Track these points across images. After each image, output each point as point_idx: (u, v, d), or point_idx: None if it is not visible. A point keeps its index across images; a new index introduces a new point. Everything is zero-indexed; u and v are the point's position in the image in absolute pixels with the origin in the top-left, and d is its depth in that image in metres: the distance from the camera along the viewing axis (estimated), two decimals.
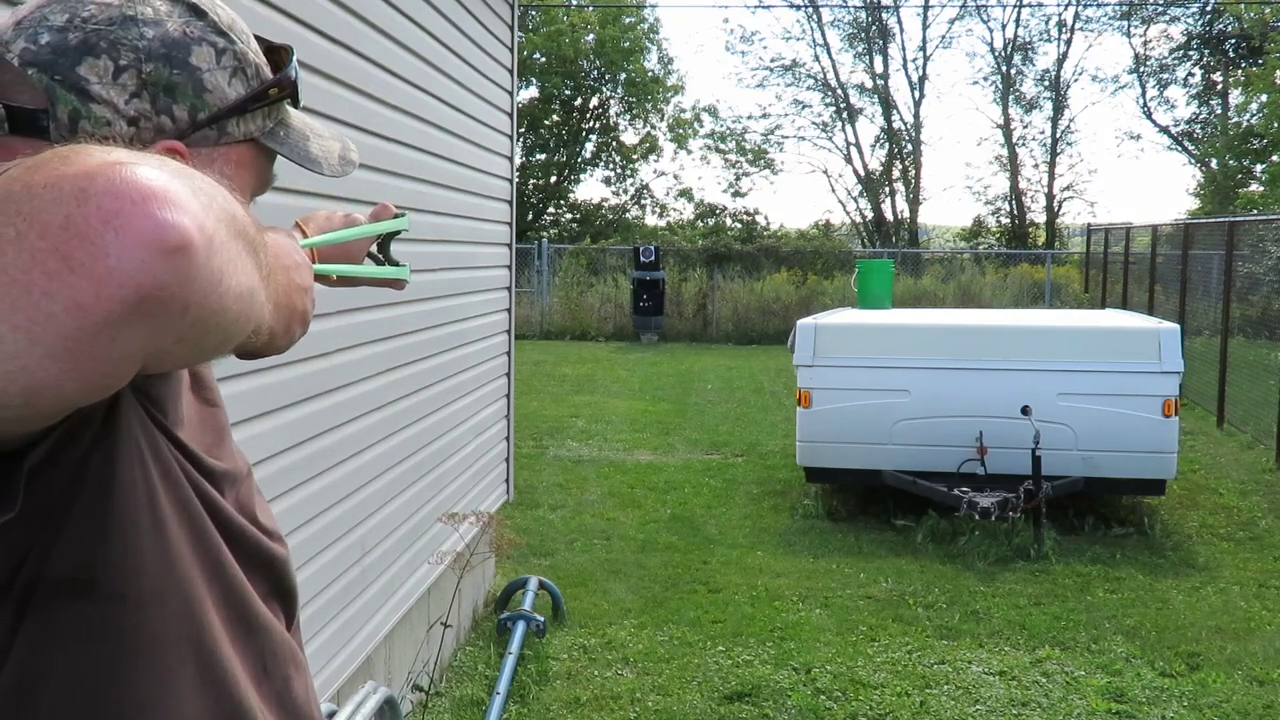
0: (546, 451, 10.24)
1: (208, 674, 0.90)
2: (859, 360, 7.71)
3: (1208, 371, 12.44)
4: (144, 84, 0.89)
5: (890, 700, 4.93)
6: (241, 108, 0.94)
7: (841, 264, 22.73)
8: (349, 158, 1.06)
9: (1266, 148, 26.75)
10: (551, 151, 31.59)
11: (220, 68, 0.93)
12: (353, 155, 1.07)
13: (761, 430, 11.35)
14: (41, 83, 0.88)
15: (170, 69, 0.90)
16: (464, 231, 5.16)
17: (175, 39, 0.91)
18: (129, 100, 0.89)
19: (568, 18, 30.07)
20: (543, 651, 5.36)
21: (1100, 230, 21.35)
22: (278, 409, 3.15)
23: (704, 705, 4.85)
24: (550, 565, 6.74)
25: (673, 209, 33.82)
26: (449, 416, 4.97)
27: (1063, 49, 33.97)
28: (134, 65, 0.89)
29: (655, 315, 20.00)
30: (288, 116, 1.00)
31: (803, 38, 45.99)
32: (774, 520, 7.90)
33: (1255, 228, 13.05)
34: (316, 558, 3.47)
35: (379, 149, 3.89)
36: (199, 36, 0.92)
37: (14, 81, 0.89)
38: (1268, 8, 27.49)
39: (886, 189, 33.12)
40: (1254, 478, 9.37)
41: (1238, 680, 5.19)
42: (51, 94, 0.88)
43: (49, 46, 0.88)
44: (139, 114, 0.89)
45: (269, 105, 0.96)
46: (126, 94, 0.89)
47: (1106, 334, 7.71)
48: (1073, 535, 7.42)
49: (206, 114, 0.92)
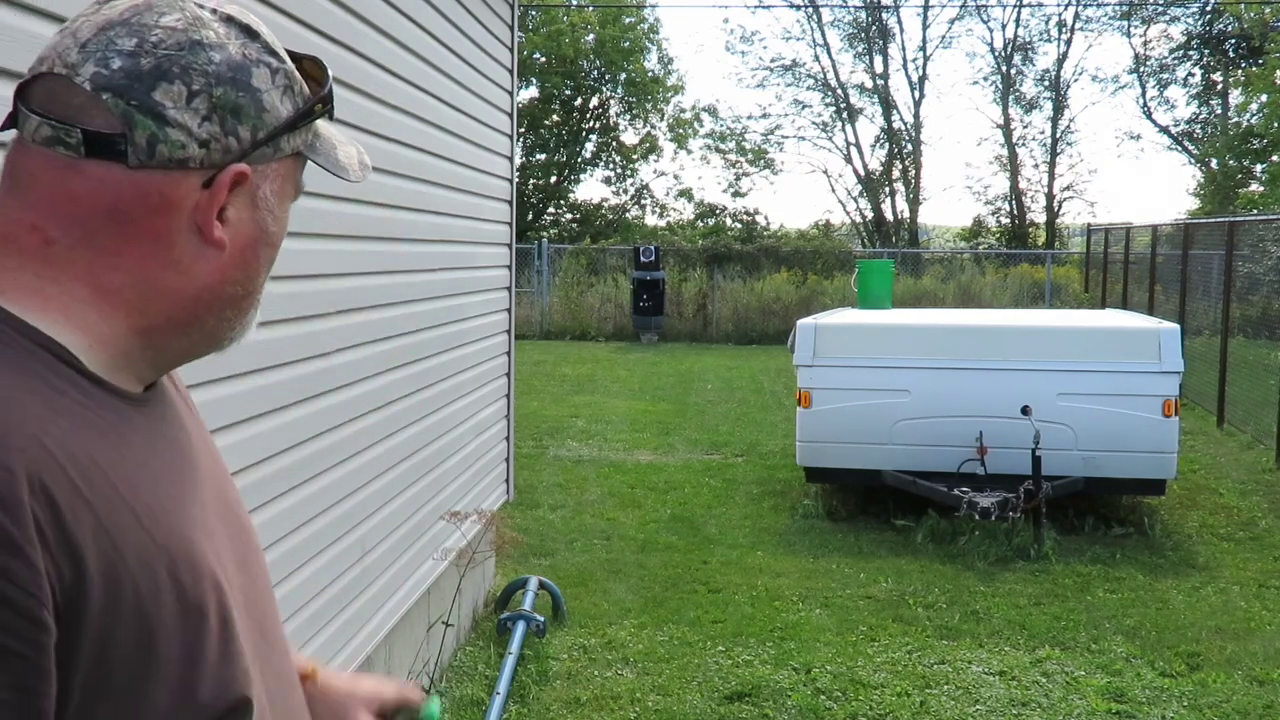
0: (546, 451, 10.24)
1: None
2: (859, 360, 7.71)
3: (1208, 371, 12.44)
4: (214, 107, 0.92)
5: (890, 700, 4.93)
6: (293, 124, 0.97)
7: (841, 264, 22.73)
8: (365, 161, 1.10)
9: (1266, 148, 26.75)
10: (551, 151, 31.59)
11: (275, 87, 0.96)
12: (367, 159, 1.10)
13: (761, 430, 11.35)
14: (118, 108, 0.89)
15: (236, 91, 0.93)
16: (464, 231, 5.16)
17: (238, 62, 0.94)
18: (201, 123, 0.91)
19: (568, 18, 30.07)
20: (543, 651, 5.36)
21: (1100, 230, 21.35)
22: (278, 409, 3.15)
23: (704, 705, 4.85)
24: (550, 565, 6.75)
25: (673, 209, 33.87)
26: (449, 416, 4.97)
27: (1063, 49, 34.02)
28: (205, 90, 0.92)
29: (655, 315, 20.00)
30: (319, 127, 1.03)
31: (803, 38, 46.06)
32: (774, 520, 7.90)
33: (1255, 228, 13.05)
34: (316, 558, 3.47)
35: (379, 149, 3.89)
36: (256, 58, 0.96)
37: (86, 105, 0.90)
38: (1268, 8, 27.49)
39: (886, 189, 33.13)
40: (1254, 478, 9.37)
41: (1238, 680, 5.19)
42: (129, 119, 0.89)
43: (122, 71, 0.90)
44: (210, 136, 0.92)
45: (314, 120, 1.00)
46: (199, 117, 0.91)
47: (1106, 334, 7.71)
48: (1073, 535, 7.42)
49: (265, 133, 0.95)
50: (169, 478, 0.95)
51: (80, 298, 0.91)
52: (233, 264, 0.97)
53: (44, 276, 0.90)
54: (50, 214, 0.90)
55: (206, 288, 0.96)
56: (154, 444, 0.95)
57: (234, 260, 0.97)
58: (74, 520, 0.82)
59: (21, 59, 2.04)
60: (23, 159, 0.92)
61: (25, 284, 0.90)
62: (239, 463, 2.87)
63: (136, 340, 0.94)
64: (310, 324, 3.37)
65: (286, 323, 3.18)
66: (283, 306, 3.15)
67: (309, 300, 3.34)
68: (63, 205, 0.90)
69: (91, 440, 0.87)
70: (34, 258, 0.90)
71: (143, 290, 0.93)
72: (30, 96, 0.92)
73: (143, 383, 0.98)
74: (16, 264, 0.90)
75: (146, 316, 0.94)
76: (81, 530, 0.83)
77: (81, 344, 0.91)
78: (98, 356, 0.92)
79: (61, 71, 0.91)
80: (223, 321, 0.99)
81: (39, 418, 0.84)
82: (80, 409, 0.88)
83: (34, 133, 0.91)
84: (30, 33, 2.06)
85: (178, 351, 0.99)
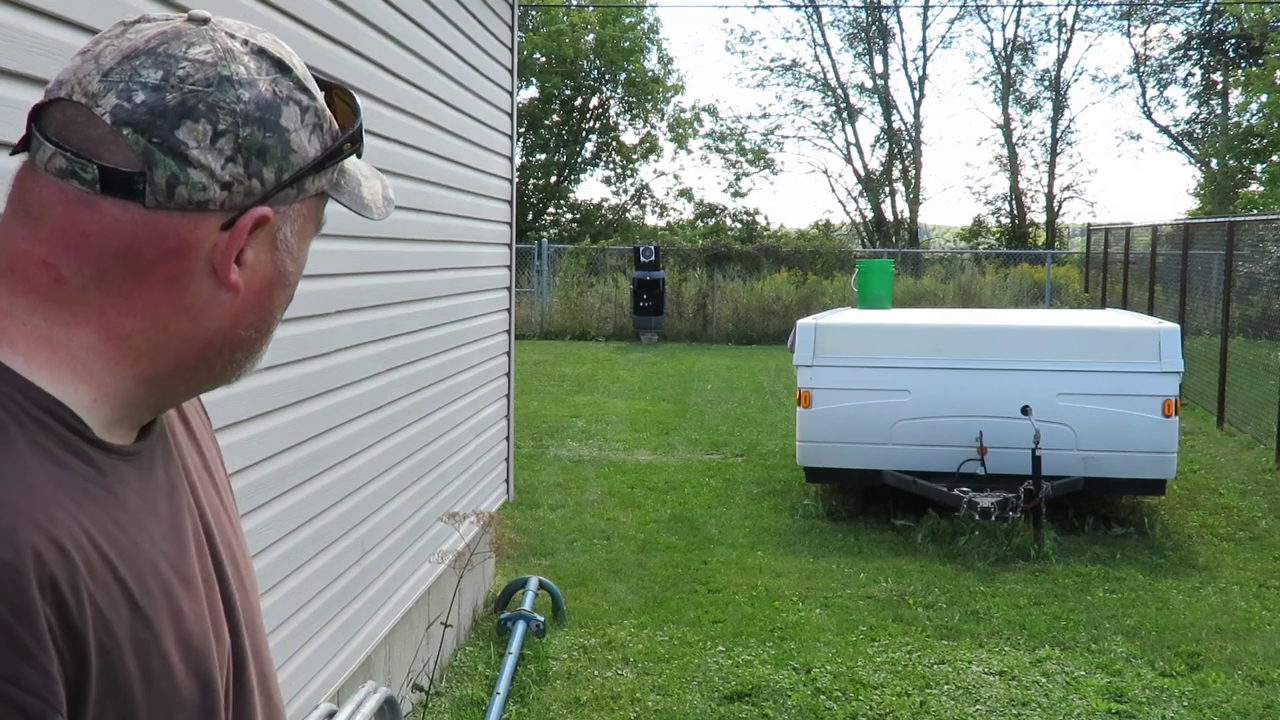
0: (546, 451, 10.24)
1: None
2: (859, 360, 7.71)
3: (1208, 371, 12.44)
4: (239, 148, 0.88)
5: (890, 700, 4.93)
6: (320, 165, 0.93)
7: (841, 264, 22.74)
8: (389, 195, 1.04)
9: (1266, 148, 26.75)
10: (551, 151, 31.59)
11: (303, 126, 0.92)
12: (390, 193, 1.05)
13: (761, 430, 11.35)
14: (139, 145, 0.85)
15: (264, 132, 0.89)
16: (464, 231, 5.16)
17: (268, 100, 0.90)
18: (225, 165, 0.87)
19: (568, 18, 30.07)
20: (543, 651, 5.36)
21: (1100, 230, 21.35)
22: (278, 409, 3.15)
23: (704, 705, 4.85)
24: (550, 565, 6.74)
25: (673, 209, 33.87)
26: (449, 416, 4.97)
27: (1063, 49, 34.00)
28: (231, 130, 0.87)
29: (655, 315, 19.99)
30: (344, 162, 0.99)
31: (803, 38, 46.05)
32: (774, 520, 7.90)
33: (1255, 228, 13.05)
34: (316, 558, 3.47)
35: (379, 149, 3.89)
36: (287, 96, 0.91)
37: (105, 139, 0.86)
38: (1268, 8, 27.49)
39: (886, 189, 33.13)
40: (1254, 478, 9.37)
41: (1238, 680, 5.19)
42: (150, 158, 0.85)
43: (145, 106, 0.85)
44: (233, 178, 0.88)
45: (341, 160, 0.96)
46: (223, 158, 0.87)
47: (1106, 334, 7.71)
48: (1073, 535, 7.42)
49: (290, 174, 0.91)
50: (164, 535, 0.93)
51: (89, 345, 0.88)
52: (247, 307, 0.93)
53: (55, 320, 0.88)
54: (62, 251, 0.87)
55: (218, 332, 0.92)
56: (150, 499, 0.93)
57: (248, 303, 0.93)
58: (79, 617, 0.81)
59: (21, 59, 2.04)
60: (35, 186, 0.88)
61: (35, 330, 0.88)
62: (239, 463, 2.87)
63: (142, 389, 0.92)
64: (310, 324, 3.37)
65: (286, 323, 3.17)
66: None
67: (309, 300, 3.34)
68: (75, 243, 0.87)
69: (93, 518, 0.85)
70: (45, 298, 0.87)
71: (153, 336, 0.90)
72: (46, 121, 0.88)
73: (140, 426, 0.95)
74: (27, 305, 0.88)
75: (155, 364, 0.91)
76: (86, 626, 0.82)
77: (86, 401, 0.89)
78: (101, 413, 0.90)
79: (81, 100, 0.86)
80: (232, 363, 0.96)
81: (46, 504, 0.82)
82: (83, 481, 0.86)
83: (48, 161, 0.87)
84: (30, 32, 2.06)
85: (181, 395, 0.97)
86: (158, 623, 0.89)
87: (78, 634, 0.81)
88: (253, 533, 2.98)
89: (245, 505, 2.93)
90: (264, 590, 3.07)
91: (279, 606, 3.18)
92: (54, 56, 2.11)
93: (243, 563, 1.07)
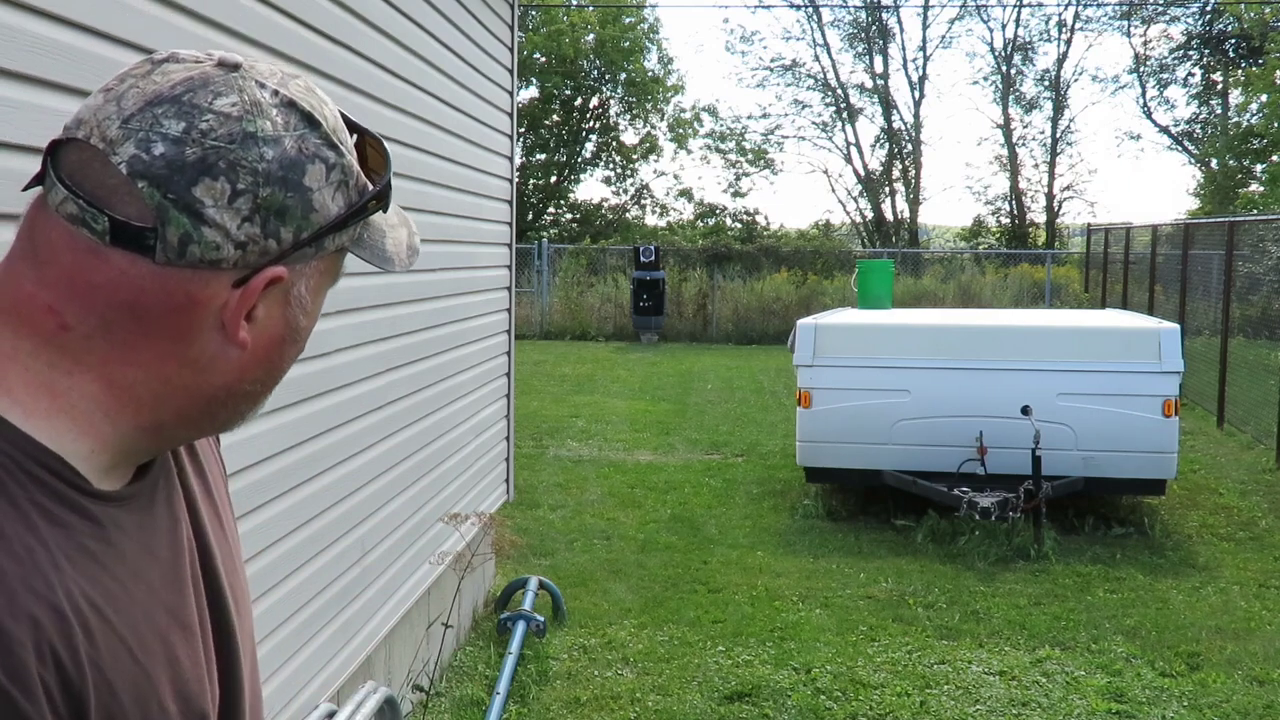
0: (546, 451, 10.24)
1: None
2: (859, 360, 7.71)
3: (1208, 371, 12.44)
4: (258, 208, 0.85)
5: (890, 700, 4.93)
6: (342, 224, 0.90)
7: (841, 264, 22.74)
8: (414, 245, 1.00)
9: (1266, 148, 26.76)
10: (551, 151, 31.59)
11: (328, 184, 0.89)
12: (417, 241, 1.01)
13: (761, 430, 11.35)
14: (153, 200, 0.82)
15: (285, 192, 0.86)
16: (464, 231, 5.16)
17: (292, 159, 0.86)
18: (241, 225, 0.84)
19: (568, 18, 30.07)
20: (543, 651, 5.36)
21: (1100, 230, 21.35)
22: (278, 409, 3.15)
23: (704, 705, 4.85)
24: (550, 565, 6.74)
25: (673, 209, 33.88)
26: (449, 416, 4.97)
27: (1063, 49, 34.03)
28: (251, 190, 0.84)
29: (655, 315, 20.00)
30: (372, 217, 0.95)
31: (803, 38, 46.05)
32: (774, 520, 7.90)
33: (1255, 228, 13.05)
34: (316, 558, 3.47)
35: None
36: (313, 153, 0.88)
37: (119, 189, 0.83)
38: (1268, 8, 27.49)
39: (886, 189, 33.14)
40: (1254, 478, 9.37)
41: (1238, 680, 5.19)
42: (163, 214, 0.83)
43: (164, 160, 0.82)
44: (249, 238, 0.85)
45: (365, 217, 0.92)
46: (240, 218, 0.84)
47: (1106, 334, 7.71)
48: (1073, 535, 7.42)
49: (309, 233, 0.88)
50: (163, 580, 0.92)
51: (90, 394, 0.87)
52: (255, 363, 0.91)
53: (57, 367, 0.86)
54: (68, 298, 0.85)
55: (224, 387, 0.91)
56: (148, 542, 0.92)
57: (257, 359, 0.91)
58: (79, 680, 0.81)
59: (21, 59, 2.04)
60: (45, 228, 0.86)
61: (38, 375, 0.86)
62: (239, 463, 2.87)
63: (142, 438, 0.90)
64: None
65: None
66: None
67: None
68: (81, 291, 0.85)
69: (92, 577, 0.85)
70: (48, 344, 0.86)
71: (156, 389, 0.88)
72: (61, 161, 0.85)
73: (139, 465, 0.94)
74: (30, 349, 0.86)
75: (156, 414, 0.89)
76: (86, 688, 0.81)
77: (84, 451, 0.87)
78: (98, 462, 0.88)
79: (99, 145, 0.84)
80: (235, 414, 0.95)
81: (44, 569, 0.81)
82: (80, 539, 0.85)
83: (60, 204, 0.84)
84: (30, 32, 2.06)
85: (181, 440, 0.96)
86: (155, 674, 0.88)
87: (78, 697, 0.81)
88: (253, 533, 2.98)
89: (245, 505, 2.93)
90: (264, 591, 3.07)
91: (279, 606, 3.18)
92: (54, 57, 2.11)
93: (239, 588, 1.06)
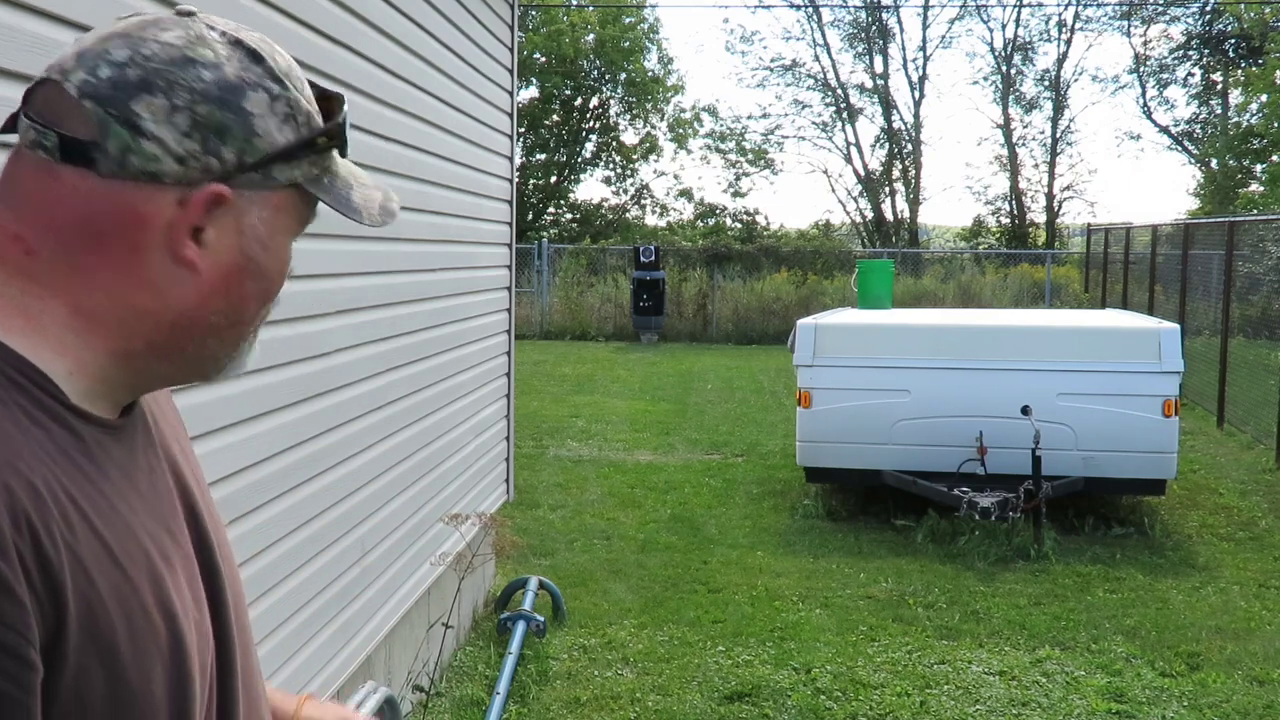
0: (546, 451, 10.24)
1: None
2: (859, 360, 7.71)
3: (1208, 371, 12.44)
4: (196, 124, 0.90)
5: (890, 700, 4.93)
6: (290, 154, 0.94)
7: (841, 264, 22.74)
8: (389, 208, 1.04)
9: (1266, 148, 26.76)
10: (551, 151, 31.59)
11: (272, 114, 0.93)
12: (393, 205, 1.05)
13: (761, 430, 11.35)
14: (95, 115, 0.89)
15: (223, 111, 0.91)
16: (464, 231, 5.16)
17: (231, 83, 0.92)
18: (180, 139, 0.90)
19: (568, 18, 30.07)
20: (543, 651, 5.36)
21: (1100, 230, 21.35)
22: (278, 409, 3.15)
23: (704, 705, 4.85)
24: (550, 565, 6.74)
25: (673, 209, 33.87)
26: (449, 416, 4.97)
27: (1063, 49, 34.02)
28: (188, 106, 0.90)
29: (655, 315, 20.00)
30: (334, 164, 1.00)
31: (803, 38, 46.04)
32: (774, 520, 7.90)
33: (1255, 228, 13.05)
34: (316, 558, 3.47)
35: (379, 149, 3.89)
36: (254, 82, 0.93)
37: (68, 110, 0.89)
38: (1268, 8, 27.49)
39: (886, 189, 33.13)
40: (1254, 478, 9.37)
41: (1238, 680, 5.19)
42: (105, 128, 0.89)
43: (108, 81, 0.89)
44: (188, 153, 0.90)
45: (317, 153, 0.97)
46: (179, 133, 0.90)
47: (1106, 334, 7.71)
48: (1073, 535, 7.42)
49: (254, 158, 0.93)
50: (144, 509, 0.94)
51: (60, 319, 0.91)
52: (213, 291, 0.94)
53: (28, 293, 0.90)
54: (31, 222, 0.90)
55: (183, 313, 0.94)
56: (130, 474, 0.94)
57: (214, 287, 0.94)
58: (55, 557, 0.82)
59: (21, 59, 2.04)
60: (16, 165, 0.92)
61: (12, 302, 0.90)
62: (238, 463, 2.87)
63: (114, 365, 0.93)
64: (310, 324, 3.37)
65: (286, 323, 3.18)
66: (283, 306, 3.13)
67: (309, 300, 3.34)
68: (42, 213, 0.90)
69: (70, 476, 0.87)
70: (19, 270, 0.90)
71: (120, 314, 0.92)
72: (31, 100, 0.92)
73: (119, 406, 0.96)
74: (3, 278, 0.90)
75: (125, 340, 0.93)
76: (63, 568, 0.82)
77: (62, 370, 0.90)
78: (78, 384, 0.91)
79: (56, 77, 0.91)
80: (205, 351, 0.98)
81: (20, 453, 0.83)
82: (59, 443, 0.88)
83: (24, 135, 0.91)
84: (30, 32, 2.06)
85: (158, 377, 0.98)
86: (138, 581, 0.89)
87: (53, 573, 0.82)
88: (253, 533, 2.98)
89: (245, 505, 2.94)
90: (264, 590, 3.07)
91: (279, 606, 3.18)
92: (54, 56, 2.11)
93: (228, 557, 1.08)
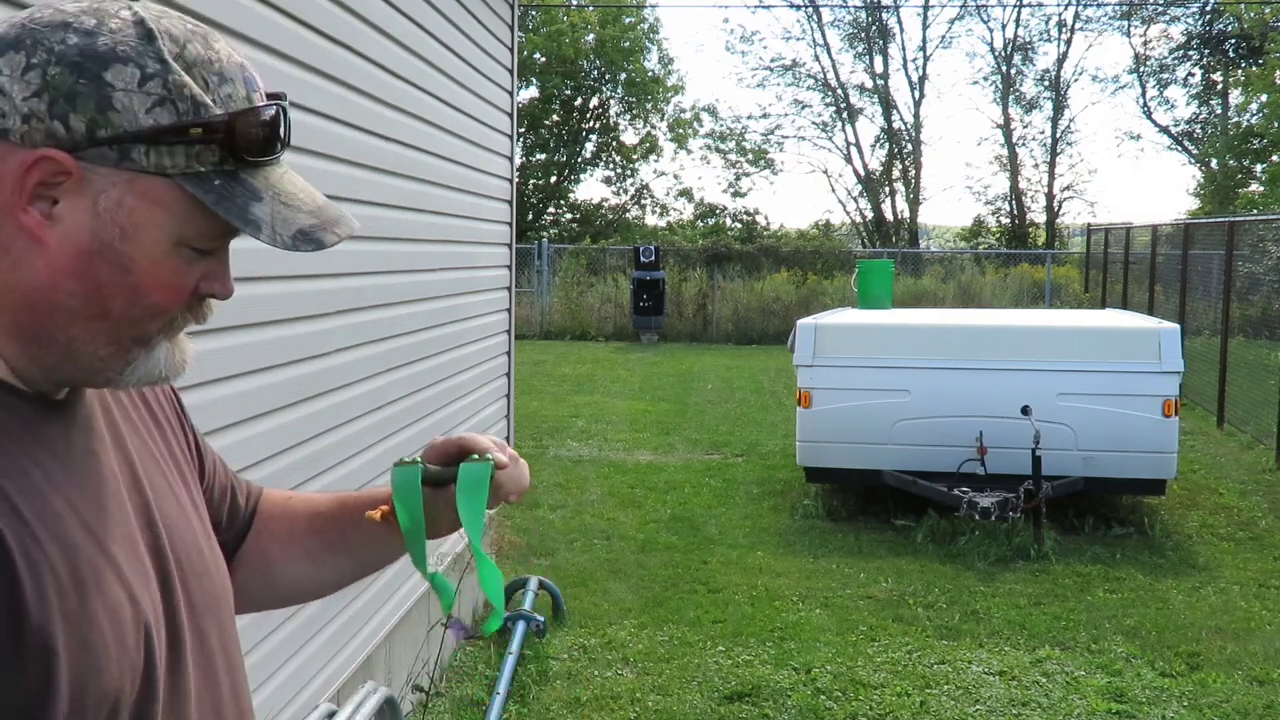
0: (546, 451, 10.24)
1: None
2: (859, 360, 7.71)
3: (1208, 371, 12.43)
4: (46, 85, 0.88)
5: (890, 700, 4.93)
6: (154, 138, 0.90)
7: (841, 264, 22.74)
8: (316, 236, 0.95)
9: (1266, 148, 26.76)
10: (551, 151, 31.58)
11: (140, 91, 0.89)
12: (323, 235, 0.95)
13: (761, 430, 11.35)
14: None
15: (77, 77, 0.88)
16: (464, 231, 5.16)
17: (98, 52, 0.89)
18: (29, 98, 0.88)
19: (568, 18, 30.06)
20: (543, 651, 5.36)
21: (1100, 230, 21.35)
22: (278, 409, 3.15)
23: (704, 705, 4.85)
24: (550, 565, 6.74)
25: (673, 209, 33.87)
26: (449, 416, 4.97)
27: (1063, 49, 34.02)
28: (41, 65, 0.88)
29: (655, 315, 19.99)
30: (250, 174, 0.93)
31: (803, 38, 46.09)
32: (774, 520, 7.90)
33: (1255, 228, 13.05)
34: None
35: (379, 149, 3.89)
36: (127, 56, 0.89)
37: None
38: (1268, 8, 27.49)
39: (886, 189, 33.13)
40: (1254, 478, 9.37)
41: (1238, 680, 5.19)
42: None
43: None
44: (32, 112, 0.88)
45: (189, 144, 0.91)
46: (29, 90, 0.88)
47: (1106, 334, 7.71)
48: (1073, 535, 7.42)
49: (109, 133, 0.89)
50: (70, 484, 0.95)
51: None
52: (64, 270, 0.91)
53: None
54: None
55: (37, 289, 0.91)
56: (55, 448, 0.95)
57: (64, 267, 0.91)
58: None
59: None
60: None
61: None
62: (239, 463, 2.87)
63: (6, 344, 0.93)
64: (310, 324, 3.37)
65: (286, 323, 3.18)
66: (283, 306, 3.15)
67: (309, 300, 3.34)
68: None
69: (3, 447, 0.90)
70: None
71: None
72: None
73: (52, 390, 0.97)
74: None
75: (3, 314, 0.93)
76: None
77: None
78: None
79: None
80: (74, 340, 0.93)
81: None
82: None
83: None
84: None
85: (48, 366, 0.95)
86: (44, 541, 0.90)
87: None
88: None
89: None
90: None
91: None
92: None
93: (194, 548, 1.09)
